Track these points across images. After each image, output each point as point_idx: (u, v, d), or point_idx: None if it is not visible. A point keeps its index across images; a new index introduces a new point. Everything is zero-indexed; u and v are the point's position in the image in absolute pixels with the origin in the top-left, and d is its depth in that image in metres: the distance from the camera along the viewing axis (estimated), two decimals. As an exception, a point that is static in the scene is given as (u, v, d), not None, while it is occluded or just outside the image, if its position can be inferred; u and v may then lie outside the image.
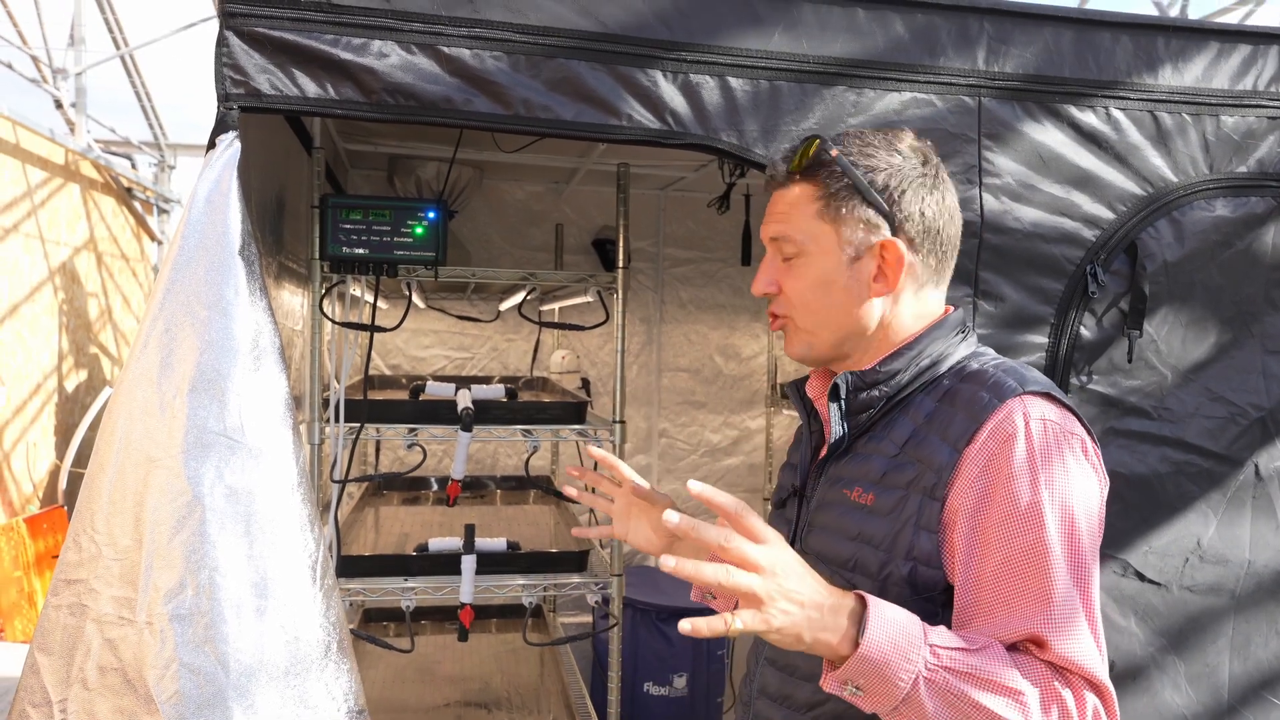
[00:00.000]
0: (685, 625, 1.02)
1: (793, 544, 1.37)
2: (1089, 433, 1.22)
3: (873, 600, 1.09)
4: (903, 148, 1.29)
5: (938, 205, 1.29)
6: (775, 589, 1.04)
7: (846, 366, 1.34)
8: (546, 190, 4.31)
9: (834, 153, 1.28)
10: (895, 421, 1.27)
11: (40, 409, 5.79)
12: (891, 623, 1.07)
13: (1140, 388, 1.88)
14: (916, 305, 1.31)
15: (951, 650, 1.08)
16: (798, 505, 1.40)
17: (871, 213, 1.27)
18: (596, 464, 1.95)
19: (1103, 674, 1.11)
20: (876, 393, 1.29)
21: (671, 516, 1.04)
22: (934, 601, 1.20)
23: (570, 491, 1.62)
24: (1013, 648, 1.13)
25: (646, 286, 4.55)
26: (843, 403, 1.30)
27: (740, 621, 1.04)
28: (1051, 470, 1.14)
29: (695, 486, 1.05)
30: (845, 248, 1.28)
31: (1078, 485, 1.15)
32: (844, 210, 1.28)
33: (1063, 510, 1.14)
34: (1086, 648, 1.11)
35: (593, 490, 1.66)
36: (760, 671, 1.40)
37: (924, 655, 1.06)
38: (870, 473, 1.26)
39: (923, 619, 1.15)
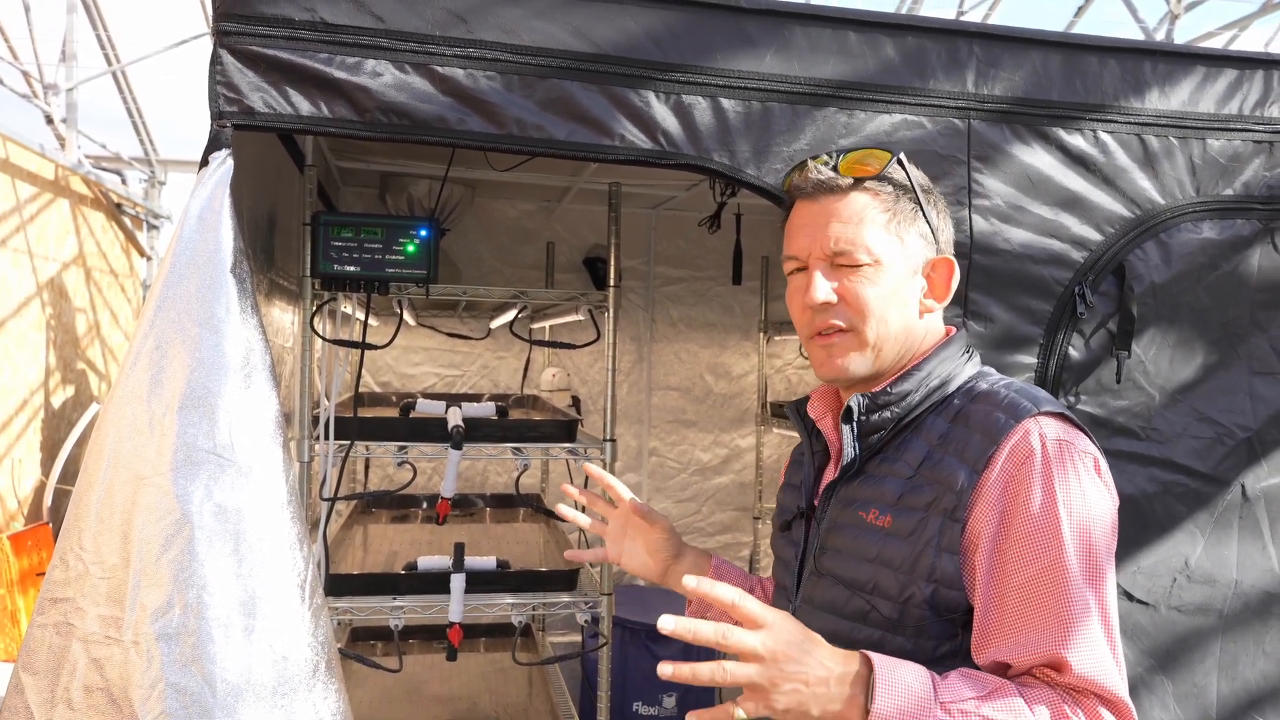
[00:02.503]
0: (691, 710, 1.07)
1: (801, 567, 1.37)
2: (1100, 451, 1.23)
3: (879, 664, 1.08)
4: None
5: (951, 229, 1.37)
6: (777, 675, 1.05)
7: (865, 387, 1.33)
8: (538, 209, 4.33)
9: (909, 168, 1.31)
10: (908, 443, 1.27)
11: (26, 425, 5.75)
12: (899, 687, 1.07)
13: (1128, 408, 1.89)
14: (932, 321, 1.35)
15: (963, 702, 1.08)
16: (806, 527, 1.38)
17: (927, 229, 1.31)
18: (588, 482, 1.92)
19: (1120, 689, 1.12)
20: (888, 414, 1.29)
21: (689, 581, 1.06)
22: (955, 623, 1.20)
23: (563, 512, 1.60)
24: (1028, 672, 1.14)
25: (637, 305, 4.55)
26: (855, 425, 1.30)
27: (743, 711, 1.05)
28: (1069, 490, 1.15)
29: (690, 582, 1.07)
30: (909, 260, 1.30)
31: (1094, 503, 1.16)
32: (909, 225, 1.30)
33: (1081, 529, 1.14)
34: (1104, 665, 1.12)
35: (583, 509, 1.64)
36: None
37: (936, 715, 1.06)
38: (886, 495, 1.26)
39: (944, 639, 1.20)
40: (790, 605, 1.38)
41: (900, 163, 1.31)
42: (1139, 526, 1.90)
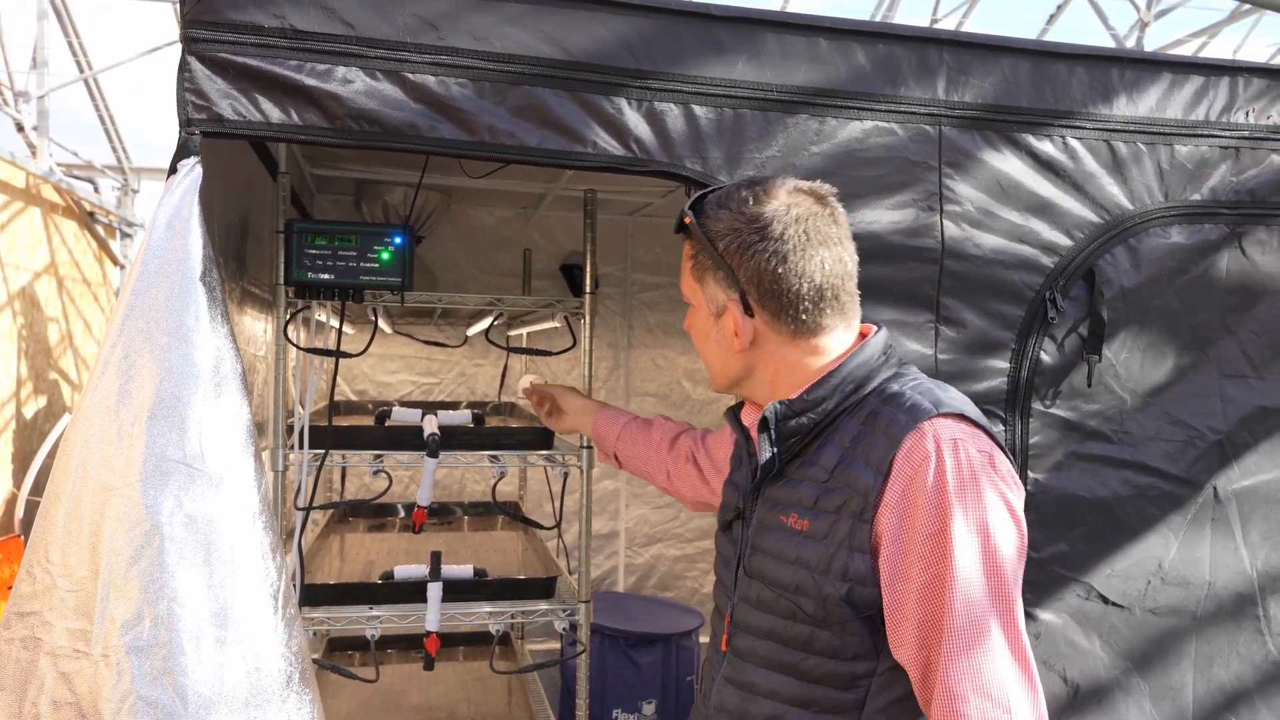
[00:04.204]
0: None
1: (738, 566, 1.43)
2: (1000, 446, 1.28)
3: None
4: (762, 209, 1.32)
5: (779, 266, 1.30)
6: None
7: (760, 401, 1.42)
8: (514, 215, 4.32)
9: (687, 219, 1.37)
10: (824, 446, 1.32)
11: (-2, 436, 5.68)
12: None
13: (1100, 412, 1.90)
14: (805, 348, 1.35)
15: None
16: (742, 528, 1.45)
17: (723, 274, 1.35)
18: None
19: (1013, 694, 1.16)
20: (805, 420, 1.33)
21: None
22: (875, 619, 1.26)
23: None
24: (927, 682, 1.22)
25: (614, 311, 4.55)
26: (773, 431, 1.34)
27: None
28: (965, 492, 1.20)
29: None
30: (710, 305, 1.39)
31: (993, 504, 1.21)
32: (705, 272, 1.38)
33: (980, 530, 1.19)
34: (996, 669, 1.16)
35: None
36: (717, 690, 1.44)
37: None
38: (804, 498, 1.31)
39: (867, 634, 1.27)
40: (729, 603, 1.44)
41: (690, 217, 1.37)
42: (1112, 529, 1.91)
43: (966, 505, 1.19)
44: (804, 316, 1.33)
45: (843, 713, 1.29)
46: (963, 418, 1.26)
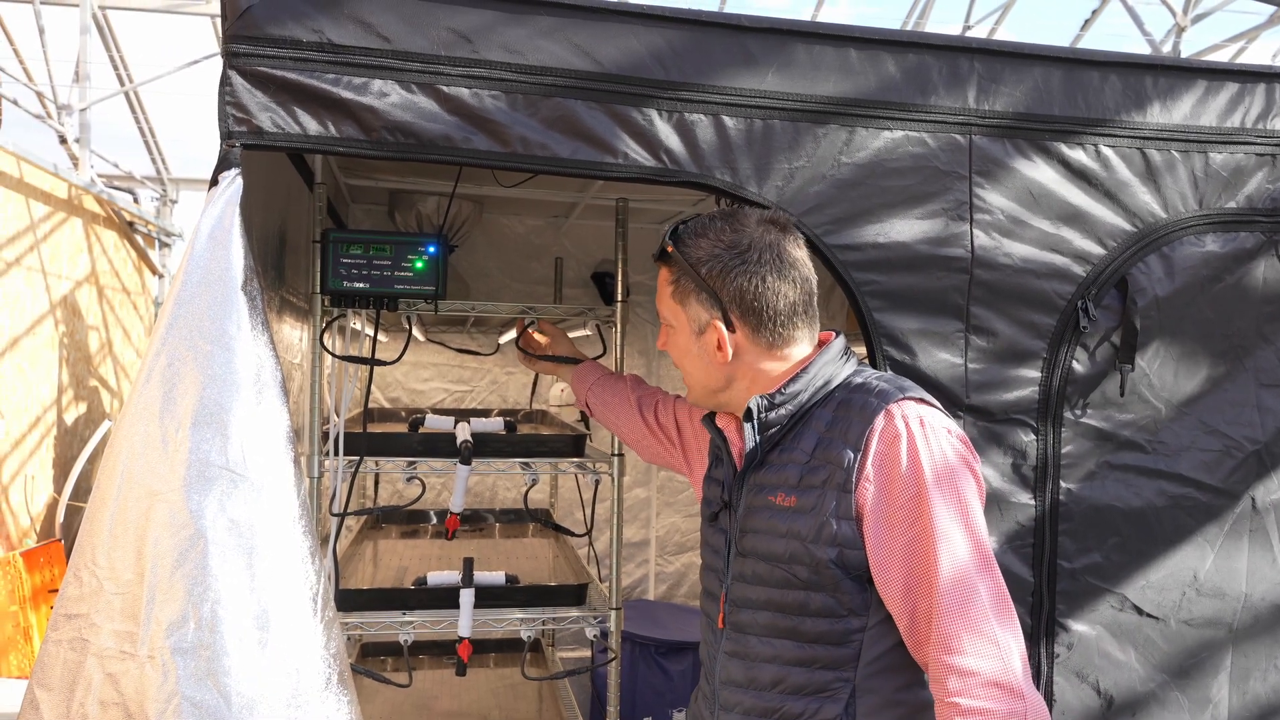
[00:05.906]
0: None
1: (729, 550, 1.57)
2: (955, 424, 1.48)
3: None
4: (739, 237, 1.51)
5: (759, 286, 1.49)
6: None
7: (733, 410, 1.58)
8: (546, 224, 4.34)
9: (669, 248, 1.54)
10: (801, 434, 1.49)
11: (39, 442, 5.79)
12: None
13: (1134, 421, 1.89)
14: (778, 357, 1.54)
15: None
16: (729, 517, 1.59)
17: (705, 295, 1.52)
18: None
19: (999, 632, 1.32)
20: (784, 411, 1.50)
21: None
22: (863, 579, 1.43)
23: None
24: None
25: (646, 320, 4.56)
26: (755, 422, 1.50)
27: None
28: (934, 458, 1.38)
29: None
30: (692, 324, 1.54)
31: (957, 466, 1.40)
32: (687, 294, 1.54)
33: (951, 490, 1.37)
34: (981, 612, 1.33)
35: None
36: (721, 666, 1.57)
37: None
38: (789, 479, 1.48)
39: (857, 593, 1.43)
40: (722, 585, 1.58)
41: (668, 241, 1.55)
42: (1146, 540, 1.90)
43: (936, 469, 1.37)
44: (781, 330, 1.51)
45: (839, 666, 1.44)
46: (923, 400, 1.45)
